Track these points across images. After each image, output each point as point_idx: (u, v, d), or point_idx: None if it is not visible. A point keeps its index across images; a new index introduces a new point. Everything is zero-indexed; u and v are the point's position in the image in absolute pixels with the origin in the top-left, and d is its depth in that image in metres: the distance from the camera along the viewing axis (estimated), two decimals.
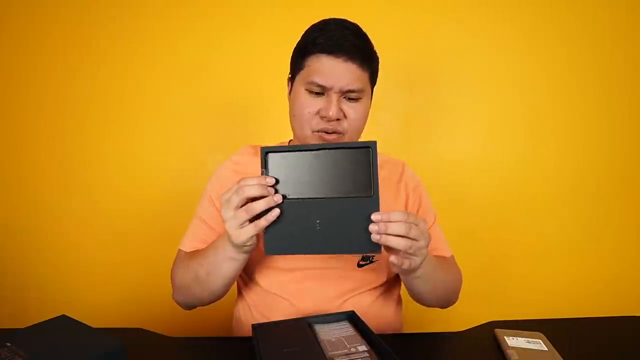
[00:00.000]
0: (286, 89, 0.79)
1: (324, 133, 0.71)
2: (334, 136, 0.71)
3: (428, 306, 0.77)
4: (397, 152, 1.31)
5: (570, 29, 1.26)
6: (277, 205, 0.56)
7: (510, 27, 1.27)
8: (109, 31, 1.28)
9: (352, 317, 0.63)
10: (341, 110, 0.70)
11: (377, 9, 1.26)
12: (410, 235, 0.54)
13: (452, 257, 0.83)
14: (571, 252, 1.31)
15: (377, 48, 0.77)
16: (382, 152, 0.88)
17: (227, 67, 1.29)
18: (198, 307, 0.76)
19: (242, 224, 0.56)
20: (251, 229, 0.56)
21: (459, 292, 0.81)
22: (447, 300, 0.79)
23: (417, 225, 0.55)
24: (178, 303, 0.75)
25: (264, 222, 0.55)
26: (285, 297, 0.73)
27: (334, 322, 0.63)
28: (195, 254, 0.72)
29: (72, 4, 1.27)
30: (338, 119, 0.70)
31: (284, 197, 0.56)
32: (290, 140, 0.86)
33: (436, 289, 0.72)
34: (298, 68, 0.73)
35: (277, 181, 0.57)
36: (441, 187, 1.29)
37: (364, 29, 0.77)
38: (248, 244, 0.59)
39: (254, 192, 0.55)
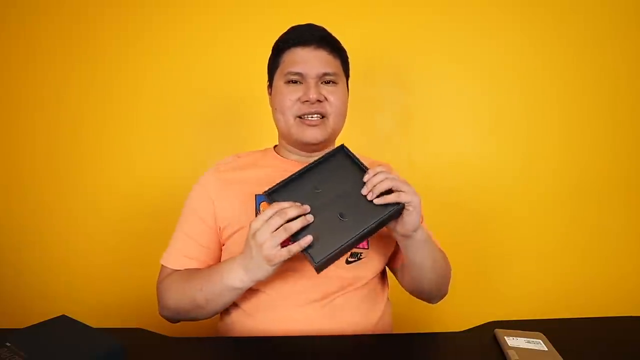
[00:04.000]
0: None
1: (307, 117, 0.75)
2: (316, 119, 0.76)
3: (424, 291, 0.79)
4: (396, 153, 1.32)
5: (571, 28, 1.26)
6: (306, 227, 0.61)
7: (510, 26, 1.27)
8: (106, 31, 1.28)
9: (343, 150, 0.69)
10: (321, 93, 0.75)
11: (377, 8, 1.26)
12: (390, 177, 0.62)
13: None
14: (572, 253, 1.31)
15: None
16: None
17: (228, 67, 1.29)
18: None
19: (277, 245, 0.59)
20: (285, 253, 0.59)
21: (449, 283, 0.83)
22: (440, 286, 0.80)
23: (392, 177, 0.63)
24: (166, 319, 0.76)
25: (297, 247, 0.59)
26: (272, 295, 0.72)
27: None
28: (190, 277, 0.71)
29: (68, 4, 1.27)
30: (319, 101, 0.75)
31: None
32: (275, 146, 0.88)
33: (435, 267, 0.74)
34: (275, 68, 0.79)
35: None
36: (442, 186, 1.29)
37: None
38: (277, 265, 0.61)
39: (293, 213, 0.59)
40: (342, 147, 0.68)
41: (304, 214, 0.60)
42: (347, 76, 0.84)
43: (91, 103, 1.30)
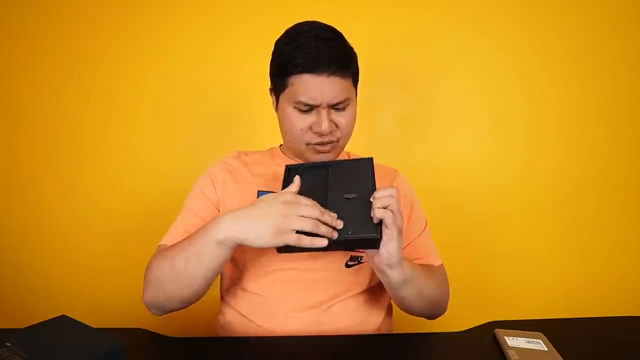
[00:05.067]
0: (269, 99, 0.80)
1: (318, 145, 0.72)
2: (328, 146, 0.73)
3: (416, 314, 0.76)
4: (396, 153, 1.32)
5: (571, 28, 1.26)
6: None
7: (510, 26, 1.27)
8: (106, 31, 1.28)
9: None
10: (332, 121, 0.72)
11: (377, 8, 1.26)
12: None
13: (442, 266, 0.81)
14: (572, 253, 1.31)
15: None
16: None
17: (228, 67, 1.29)
18: (194, 307, 0.73)
19: (294, 229, 0.57)
20: (295, 239, 0.56)
21: (447, 302, 0.80)
22: (434, 310, 0.77)
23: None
24: (149, 306, 0.69)
25: (308, 241, 0.57)
26: (270, 300, 0.72)
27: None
28: (179, 242, 0.66)
29: (69, 4, 1.27)
30: (331, 131, 0.72)
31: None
32: (280, 145, 0.87)
33: (422, 297, 0.70)
34: (281, 86, 0.73)
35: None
36: (441, 187, 1.29)
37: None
38: (272, 244, 0.58)
39: (328, 219, 0.58)
40: (370, 160, 0.68)
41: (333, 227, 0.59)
42: (357, 83, 0.78)
43: (91, 103, 1.30)
